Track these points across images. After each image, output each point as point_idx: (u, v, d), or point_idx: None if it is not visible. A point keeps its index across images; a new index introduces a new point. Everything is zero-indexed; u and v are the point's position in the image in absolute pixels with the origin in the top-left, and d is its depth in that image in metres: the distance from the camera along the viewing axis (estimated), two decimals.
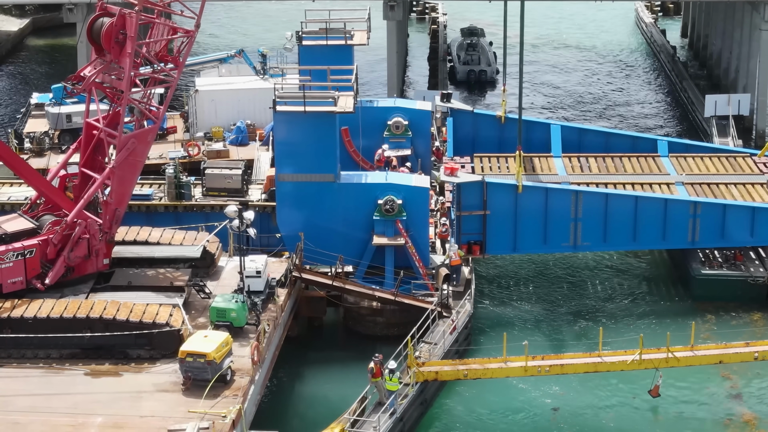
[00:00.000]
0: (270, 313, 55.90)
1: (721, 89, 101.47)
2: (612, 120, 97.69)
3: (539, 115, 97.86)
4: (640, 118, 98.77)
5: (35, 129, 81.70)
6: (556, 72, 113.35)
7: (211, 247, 59.80)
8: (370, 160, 72.69)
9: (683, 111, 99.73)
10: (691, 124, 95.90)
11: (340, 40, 72.27)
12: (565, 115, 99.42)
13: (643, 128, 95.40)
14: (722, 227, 64.81)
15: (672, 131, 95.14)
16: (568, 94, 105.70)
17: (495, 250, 65.22)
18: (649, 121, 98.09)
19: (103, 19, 54.51)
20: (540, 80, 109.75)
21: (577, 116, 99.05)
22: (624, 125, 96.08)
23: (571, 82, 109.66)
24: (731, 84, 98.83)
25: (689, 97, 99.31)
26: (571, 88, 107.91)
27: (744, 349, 55.59)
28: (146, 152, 56.15)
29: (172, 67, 55.74)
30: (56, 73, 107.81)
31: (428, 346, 57.04)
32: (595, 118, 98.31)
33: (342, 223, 62.28)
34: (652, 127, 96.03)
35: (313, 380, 58.05)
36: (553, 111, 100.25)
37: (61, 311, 52.07)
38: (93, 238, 55.37)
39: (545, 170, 70.36)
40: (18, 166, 55.89)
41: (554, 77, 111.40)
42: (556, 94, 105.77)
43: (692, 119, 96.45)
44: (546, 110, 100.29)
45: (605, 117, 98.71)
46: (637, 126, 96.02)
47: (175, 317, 52.42)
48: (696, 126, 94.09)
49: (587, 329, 62.48)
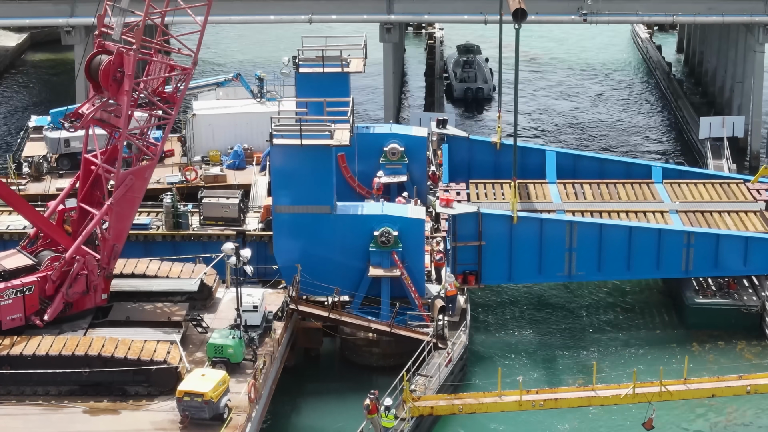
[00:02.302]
0: (267, 348, 56.39)
1: (716, 107, 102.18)
2: (606, 140, 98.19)
3: (533, 134, 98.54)
4: (635, 137, 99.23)
5: (33, 153, 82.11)
6: (550, 90, 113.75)
7: (208, 279, 60.28)
8: (366, 185, 73.26)
9: (678, 131, 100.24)
10: (686, 144, 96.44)
11: (336, 68, 72.63)
12: (559, 135, 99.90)
13: (637, 149, 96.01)
14: (716, 257, 65.35)
15: (667, 152, 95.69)
16: (562, 114, 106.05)
17: (490, 279, 65.75)
18: (643, 141, 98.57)
19: (101, 57, 54.92)
20: (534, 99, 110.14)
21: (572, 137, 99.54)
22: (619, 145, 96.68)
23: (566, 101, 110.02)
24: (726, 103, 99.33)
25: (684, 116, 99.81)
26: (566, 107, 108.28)
27: (737, 382, 56.19)
28: (144, 188, 56.61)
29: (170, 104, 56.16)
30: (55, 91, 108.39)
31: (424, 379, 57.53)
32: (590, 139, 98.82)
33: (338, 253, 62.70)
34: (646, 148, 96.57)
35: (309, 412, 58.56)
36: (546, 132, 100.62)
37: (59, 348, 52.52)
38: (91, 274, 55.83)
39: (540, 197, 70.87)
40: (15, 202, 56.32)
41: (549, 96, 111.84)
42: (550, 114, 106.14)
43: (687, 139, 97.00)
44: (539, 131, 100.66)
45: (600, 137, 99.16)
46: (632, 146, 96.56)
47: (172, 354, 52.90)
48: (690, 146, 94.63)
49: (582, 358, 63.08)
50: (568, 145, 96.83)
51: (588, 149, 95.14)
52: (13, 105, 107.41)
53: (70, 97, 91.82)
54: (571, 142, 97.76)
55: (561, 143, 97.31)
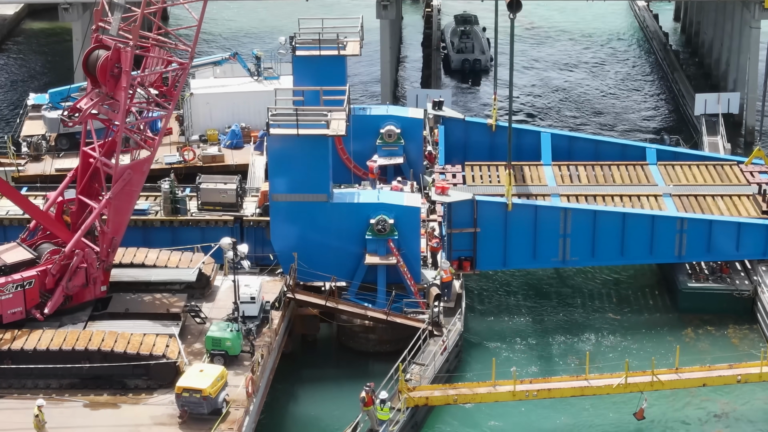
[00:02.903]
0: (264, 339, 57.18)
1: (712, 79, 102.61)
2: (602, 115, 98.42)
3: (529, 107, 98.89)
4: (631, 112, 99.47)
5: (32, 131, 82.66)
6: (546, 61, 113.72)
7: (206, 269, 60.98)
8: (363, 166, 73.94)
9: (674, 104, 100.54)
10: (681, 118, 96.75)
11: (333, 51, 73.16)
12: (554, 108, 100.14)
13: (633, 123, 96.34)
14: (708, 242, 66.00)
15: (662, 126, 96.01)
16: (557, 85, 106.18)
17: (485, 265, 66.42)
18: (639, 115, 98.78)
19: (99, 52, 55.36)
20: (529, 70, 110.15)
21: (567, 108, 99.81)
22: (614, 120, 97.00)
23: (562, 72, 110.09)
24: (722, 75, 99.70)
25: (680, 89, 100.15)
26: (562, 78, 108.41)
27: (727, 371, 57.20)
28: (142, 182, 57.20)
29: (167, 99, 56.69)
30: (53, 63, 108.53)
31: (419, 367, 58.35)
32: (585, 112, 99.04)
33: (335, 240, 63.35)
34: (642, 122, 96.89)
35: (307, 401, 59.39)
36: (541, 106, 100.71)
37: (60, 343, 53.33)
38: (91, 267, 56.52)
39: (535, 180, 71.42)
40: (13, 196, 56.90)
41: (544, 66, 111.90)
42: (545, 85, 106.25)
43: (683, 112, 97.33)
44: (534, 105, 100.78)
45: (595, 112, 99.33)
46: (627, 121, 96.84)
47: (171, 348, 53.70)
48: (686, 120, 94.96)
49: (575, 342, 63.92)
50: (562, 117, 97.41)
51: (583, 123, 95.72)
52: (11, 76, 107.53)
53: (68, 68, 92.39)
54: (566, 115, 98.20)
55: (556, 116, 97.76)
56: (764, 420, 57.13)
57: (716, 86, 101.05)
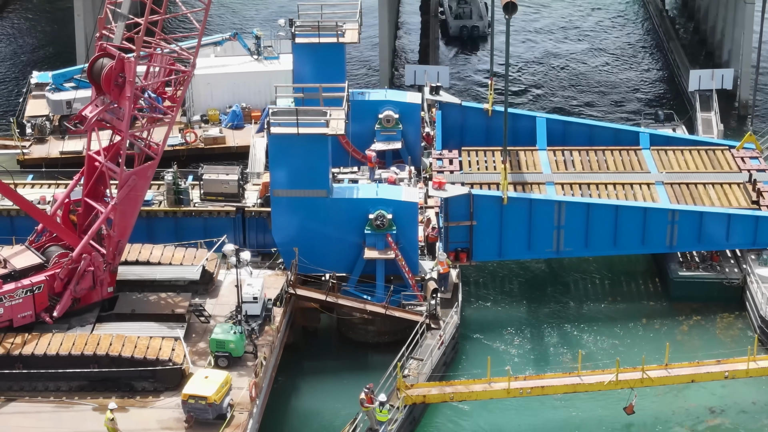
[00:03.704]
0: (266, 337, 58.98)
1: (707, 47, 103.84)
2: (596, 88, 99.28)
3: (522, 82, 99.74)
4: (624, 83, 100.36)
5: (36, 111, 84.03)
6: (540, 29, 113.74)
7: (209, 265, 62.63)
8: (361, 149, 75.42)
9: (669, 74, 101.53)
10: (676, 89, 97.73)
11: (332, 38, 74.36)
12: (548, 80, 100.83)
13: (626, 95, 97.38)
14: (699, 232, 67.61)
15: (656, 97, 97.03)
16: (552, 56, 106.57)
17: (481, 256, 68.10)
18: (633, 86, 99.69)
19: (103, 61, 56.52)
20: (522, 41, 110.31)
21: (561, 81, 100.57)
22: (608, 91, 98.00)
23: (557, 41, 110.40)
24: (717, 44, 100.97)
25: (674, 59, 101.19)
26: (557, 47, 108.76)
27: (715, 367, 59.02)
28: (146, 187, 58.61)
29: (170, 105, 58.01)
30: (54, 33, 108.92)
31: (417, 363, 60.19)
32: (579, 84, 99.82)
33: (335, 234, 64.87)
34: (636, 95, 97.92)
35: (308, 394, 61.15)
36: (535, 79, 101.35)
37: (69, 348, 55.10)
38: (98, 270, 58.09)
39: (530, 167, 72.88)
40: (21, 202, 58.31)
41: (538, 35, 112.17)
42: (540, 56, 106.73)
43: (677, 83, 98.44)
44: (528, 78, 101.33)
45: (589, 83, 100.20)
46: (621, 95, 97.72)
47: (177, 352, 55.52)
48: (681, 91, 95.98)
49: (569, 331, 65.78)
50: (555, 88, 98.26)
51: (576, 94, 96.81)
52: (12, 47, 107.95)
53: (69, 39, 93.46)
54: (559, 86, 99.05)
55: (548, 88, 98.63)
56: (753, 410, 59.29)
57: (711, 54, 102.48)
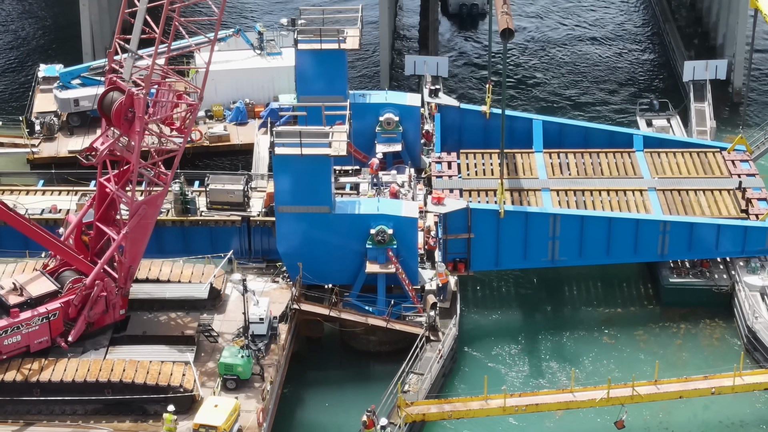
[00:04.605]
0: (273, 356, 61.56)
1: (702, 26, 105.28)
2: (591, 72, 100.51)
3: (516, 68, 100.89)
4: (620, 67, 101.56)
5: (44, 107, 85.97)
6: (536, 14, 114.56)
7: (216, 282, 65.05)
8: (362, 149, 77.59)
9: (665, 59, 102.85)
10: (671, 75, 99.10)
11: (333, 44, 76.18)
12: (543, 67, 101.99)
13: (622, 80, 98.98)
14: (689, 242, 70.04)
15: (650, 81, 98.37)
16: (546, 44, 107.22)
17: (479, 266, 70.56)
18: (628, 72, 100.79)
19: (113, 95, 58.54)
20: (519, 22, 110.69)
21: (556, 67, 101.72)
22: (604, 74, 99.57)
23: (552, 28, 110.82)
24: (712, 26, 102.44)
25: (670, 41, 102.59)
26: (551, 34, 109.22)
27: (702, 383, 61.72)
28: (156, 214, 60.85)
29: (178, 136, 60.06)
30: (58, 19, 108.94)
31: (417, 377, 62.85)
32: (574, 71, 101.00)
33: (337, 246, 67.21)
34: (631, 80, 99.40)
35: (312, 406, 64.08)
36: (531, 64, 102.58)
37: (84, 374, 57.71)
38: (110, 294, 60.49)
39: (527, 170, 75.11)
40: (35, 235, 60.40)
41: (534, 17, 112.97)
42: (536, 39, 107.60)
43: (673, 66, 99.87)
44: (523, 63, 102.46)
45: (585, 67, 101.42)
46: (617, 79, 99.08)
47: (187, 377, 58.10)
48: (677, 78, 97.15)
49: (563, 338, 68.39)
50: (550, 76, 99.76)
51: (571, 81, 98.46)
52: (16, 35, 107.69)
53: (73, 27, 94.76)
54: (554, 73, 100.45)
55: (543, 75, 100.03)
56: None
57: (706, 34, 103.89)
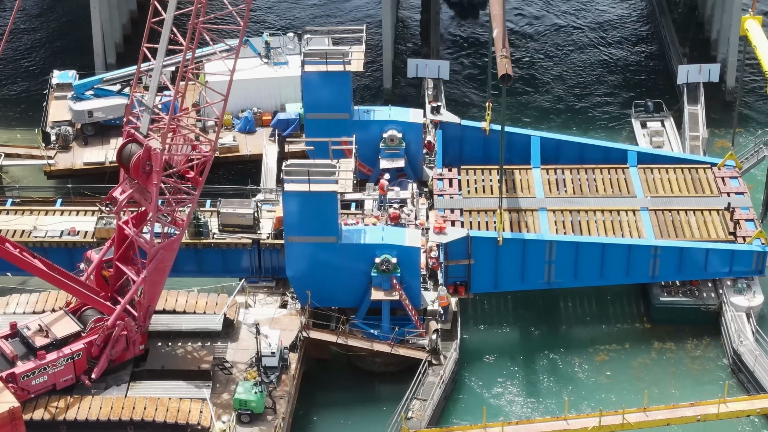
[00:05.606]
0: (284, 387, 65.42)
1: (697, 18, 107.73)
2: (587, 72, 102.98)
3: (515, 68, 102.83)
4: (615, 67, 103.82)
5: (58, 115, 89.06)
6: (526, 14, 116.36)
7: (230, 312, 68.74)
8: (366, 162, 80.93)
9: (660, 53, 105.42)
10: (667, 77, 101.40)
11: (339, 65, 79.18)
12: (539, 64, 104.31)
13: (617, 80, 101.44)
14: (679, 264, 73.64)
15: (645, 88, 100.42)
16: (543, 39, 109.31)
17: (478, 288, 74.20)
18: (623, 74, 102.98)
19: (132, 147, 61.80)
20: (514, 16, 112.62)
21: (551, 67, 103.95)
22: (600, 74, 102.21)
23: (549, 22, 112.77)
24: (707, 20, 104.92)
25: (665, 35, 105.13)
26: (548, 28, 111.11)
27: (689, 410, 65.58)
28: (173, 257, 64.29)
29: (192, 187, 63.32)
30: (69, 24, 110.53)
31: (420, 403, 66.73)
32: (569, 71, 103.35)
33: (344, 273, 70.78)
34: (626, 77, 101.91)
35: (322, 428, 67.88)
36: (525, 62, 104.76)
37: (108, 413, 61.68)
38: (130, 332, 64.20)
39: (525, 188, 78.51)
40: (56, 281, 63.80)
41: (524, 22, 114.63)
42: (532, 35, 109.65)
43: (668, 61, 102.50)
44: (518, 61, 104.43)
45: (580, 67, 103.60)
46: (612, 85, 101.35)
47: (204, 415, 62.00)
48: (671, 73, 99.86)
49: (560, 358, 72.29)
50: (547, 73, 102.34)
51: (568, 83, 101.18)
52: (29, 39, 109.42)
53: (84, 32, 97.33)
54: (548, 75, 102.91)
55: (539, 75, 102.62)
56: None
57: (701, 27, 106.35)
